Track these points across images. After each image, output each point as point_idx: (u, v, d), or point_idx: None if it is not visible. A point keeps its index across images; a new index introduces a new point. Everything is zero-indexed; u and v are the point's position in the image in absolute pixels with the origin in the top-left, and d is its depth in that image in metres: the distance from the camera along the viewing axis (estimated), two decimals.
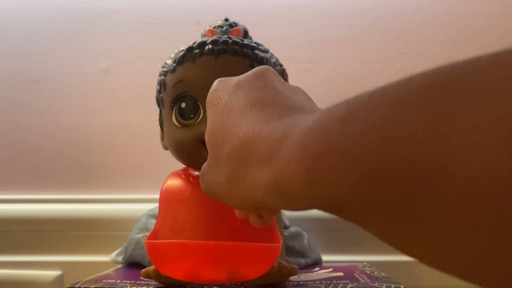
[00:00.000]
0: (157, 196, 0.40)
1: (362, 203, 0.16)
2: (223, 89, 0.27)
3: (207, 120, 0.27)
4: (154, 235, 0.37)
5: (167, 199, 0.40)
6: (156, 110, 0.47)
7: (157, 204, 0.58)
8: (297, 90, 0.27)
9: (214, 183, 0.26)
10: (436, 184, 0.13)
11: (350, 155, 0.16)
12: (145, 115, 0.71)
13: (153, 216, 0.56)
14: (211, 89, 0.28)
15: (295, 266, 0.40)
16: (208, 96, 0.28)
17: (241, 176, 0.23)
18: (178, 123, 0.41)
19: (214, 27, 0.44)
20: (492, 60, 0.13)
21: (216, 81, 0.29)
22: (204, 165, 0.27)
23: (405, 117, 0.14)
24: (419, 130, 0.14)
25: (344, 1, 0.73)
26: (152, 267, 0.38)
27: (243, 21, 0.47)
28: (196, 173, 0.43)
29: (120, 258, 0.55)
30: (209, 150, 0.26)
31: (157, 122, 0.46)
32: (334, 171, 0.16)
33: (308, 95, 0.27)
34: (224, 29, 0.44)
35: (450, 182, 0.13)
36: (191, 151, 0.41)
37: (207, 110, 0.28)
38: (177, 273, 0.35)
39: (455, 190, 0.13)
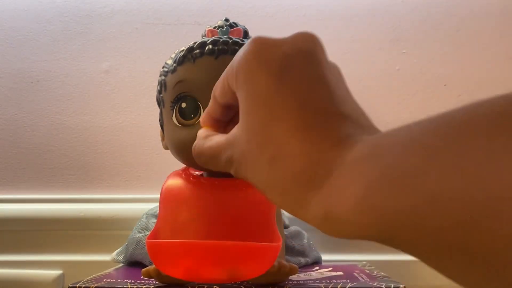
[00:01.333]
0: (158, 195, 0.40)
1: (418, 235, 0.15)
2: (264, 65, 0.22)
3: (240, 94, 0.23)
4: (155, 234, 0.37)
5: (168, 198, 0.40)
6: (156, 110, 0.47)
7: (157, 204, 0.58)
8: (337, 72, 0.24)
9: (251, 179, 0.22)
10: (491, 221, 0.13)
11: (408, 182, 0.15)
12: (145, 115, 0.72)
13: (154, 216, 0.56)
14: (245, 51, 0.23)
15: (295, 265, 0.40)
16: (242, 59, 0.23)
17: (285, 189, 0.20)
18: (179, 123, 0.41)
19: (214, 28, 0.45)
20: None
21: (252, 42, 0.23)
22: (238, 143, 0.23)
23: (472, 146, 0.14)
24: (479, 166, 0.13)
25: (344, 1, 0.73)
26: (153, 267, 0.39)
27: (243, 22, 0.47)
28: (197, 173, 0.43)
29: (120, 258, 0.55)
30: (246, 134, 0.22)
31: (158, 122, 0.47)
32: (388, 200, 0.16)
33: (344, 79, 0.24)
34: (224, 29, 0.44)
35: (506, 223, 0.13)
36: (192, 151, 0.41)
37: (240, 79, 0.23)
38: (178, 273, 0.35)
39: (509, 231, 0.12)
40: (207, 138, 0.27)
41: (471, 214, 0.13)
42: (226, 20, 0.45)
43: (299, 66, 0.22)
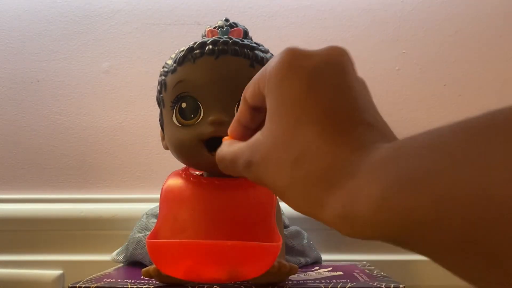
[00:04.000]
0: (158, 195, 0.41)
1: (436, 236, 0.15)
2: (296, 71, 0.23)
3: (270, 99, 0.24)
4: (155, 234, 0.37)
5: (168, 198, 0.40)
6: (156, 110, 0.47)
7: (157, 204, 0.58)
8: (364, 87, 0.25)
9: (269, 181, 0.23)
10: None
11: (427, 183, 0.15)
12: (145, 115, 0.72)
13: (154, 216, 0.56)
14: (278, 59, 0.24)
15: (295, 265, 0.40)
16: (276, 67, 0.24)
17: (306, 190, 0.21)
18: (179, 123, 0.41)
19: (215, 28, 0.45)
20: None
21: (287, 51, 0.24)
22: (260, 146, 0.24)
23: (491, 150, 0.14)
24: (501, 166, 0.13)
25: (344, 2, 0.73)
26: (153, 266, 0.39)
27: (243, 22, 0.47)
28: (197, 172, 0.43)
29: (121, 258, 0.55)
30: (271, 136, 0.23)
31: (158, 122, 0.47)
32: (407, 201, 0.16)
33: (370, 93, 0.25)
34: (224, 29, 0.44)
35: None
36: (192, 151, 0.41)
37: (271, 84, 0.24)
38: (178, 272, 0.35)
39: None
40: (231, 145, 0.28)
41: (491, 213, 0.13)
42: (226, 20, 0.45)
43: (328, 76, 0.23)
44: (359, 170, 0.19)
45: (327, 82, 0.23)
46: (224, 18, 0.46)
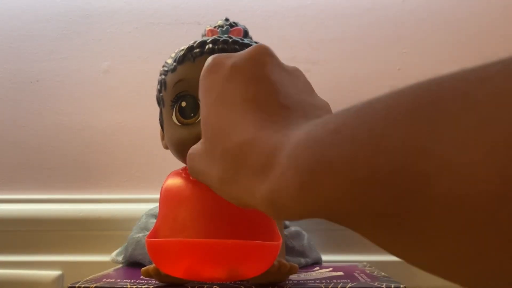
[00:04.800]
0: (157, 195, 0.40)
1: (354, 214, 0.17)
2: (217, 71, 0.25)
3: (201, 103, 0.26)
4: (155, 233, 0.37)
5: (167, 198, 0.40)
6: (156, 110, 0.47)
7: (157, 204, 0.58)
8: (296, 75, 0.26)
9: (205, 174, 0.25)
10: (423, 197, 0.14)
11: (340, 167, 0.16)
12: (145, 115, 0.71)
13: (154, 216, 0.56)
14: (205, 66, 0.26)
15: (295, 264, 0.40)
16: (202, 73, 0.27)
17: (234, 180, 0.23)
18: (179, 122, 0.41)
19: (215, 27, 0.45)
20: (479, 75, 0.14)
21: (210, 58, 0.27)
22: (196, 148, 0.27)
23: (393, 131, 0.15)
24: (406, 145, 0.14)
25: (344, 1, 0.73)
26: (153, 266, 0.39)
27: (243, 22, 0.47)
28: None
29: (120, 258, 0.55)
30: (203, 137, 0.26)
31: (157, 122, 0.46)
32: (325, 183, 0.17)
33: (306, 79, 0.26)
34: (224, 28, 0.44)
35: (436, 196, 0.13)
36: None
37: (200, 89, 0.27)
38: (178, 271, 0.35)
39: (441, 203, 0.13)
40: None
41: (405, 186, 0.14)
42: (226, 19, 0.45)
43: (246, 69, 0.24)
44: (280, 155, 0.20)
45: (245, 74, 0.24)
46: (224, 18, 0.46)
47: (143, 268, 0.40)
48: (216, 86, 0.25)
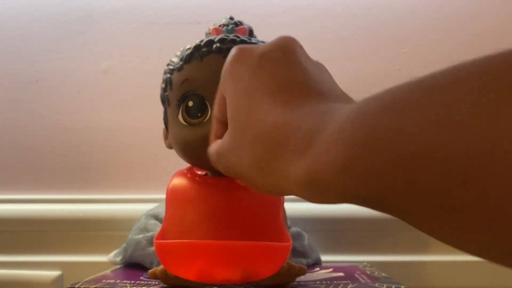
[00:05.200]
0: (158, 196, 0.40)
1: (404, 193, 0.15)
2: (245, 61, 0.25)
3: (227, 94, 0.25)
4: (162, 234, 0.36)
5: (174, 198, 0.39)
6: (156, 110, 0.46)
7: (157, 204, 0.58)
8: (321, 68, 0.25)
9: (238, 165, 0.24)
10: (485, 174, 0.13)
11: (393, 137, 0.15)
12: (145, 115, 0.71)
13: (153, 216, 0.55)
14: (229, 58, 0.26)
15: (304, 266, 0.40)
16: (226, 66, 0.26)
17: (269, 165, 0.22)
18: (185, 122, 0.41)
19: (219, 26, 0.44)
20: None
21: (234, 49, 0.26)
22: (223, 143, 0.26)
23: (461, 103, 0.14)
24: (469, 118, 0.13)
25: (344, 1, 0.73)
26: (160, 268, 0.38)
27: (242, 21, 0.47)
28: (201, 172, 0.43)
29: (118, 259, 0.55)
30: (230, 129, 0.25)
31: (158, 122, 0.46)
32: (374, 159, 0.16)
33: (330, 74, 0.26)
34: (230, 27, 0.43)
35: (500, 173, 0.12)
36: (198, 151, 0.40)
37: (226, 81, 0.26)
38: (189, 274, 0.34)
39: (503, 181, 0.12)
40: (216, 143, 0.29)
41: (462, 168, 0.13)
42: (231, 18, 0.45)
43: (275, 57, 0.24)
44: (320, 134, 0.19)
45: (274, 62, 0.24)
46: (229, 16, 0.45)
47: (150, 270, 0.39)
48: (245, 75, 0.24)
